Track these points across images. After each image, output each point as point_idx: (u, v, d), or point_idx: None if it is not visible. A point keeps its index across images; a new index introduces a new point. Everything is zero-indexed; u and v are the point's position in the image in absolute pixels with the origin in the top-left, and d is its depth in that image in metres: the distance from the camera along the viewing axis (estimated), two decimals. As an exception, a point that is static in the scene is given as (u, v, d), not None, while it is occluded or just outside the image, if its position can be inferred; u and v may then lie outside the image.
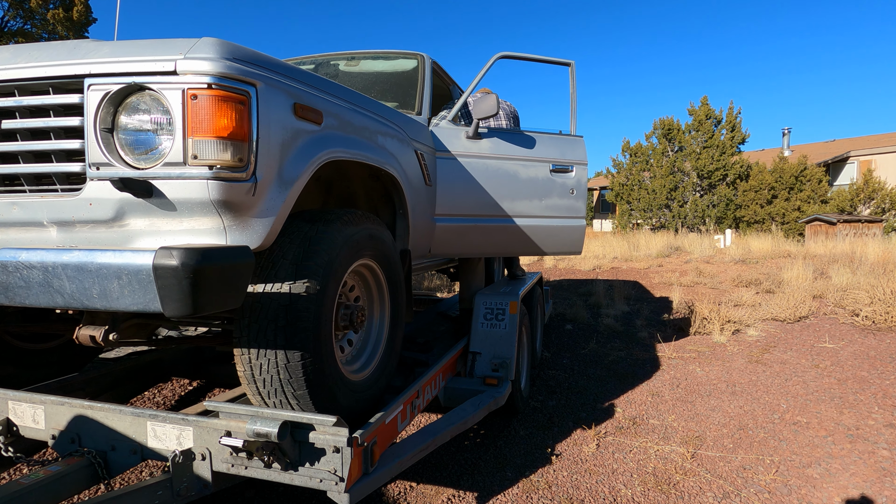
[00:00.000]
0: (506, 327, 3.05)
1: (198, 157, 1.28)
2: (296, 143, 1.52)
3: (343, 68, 3.26)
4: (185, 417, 1.61)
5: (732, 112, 20.43)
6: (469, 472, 2.71)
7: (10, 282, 1.29)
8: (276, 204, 1.46)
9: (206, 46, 1.30)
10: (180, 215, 1.34)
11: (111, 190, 1.32)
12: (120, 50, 1.34)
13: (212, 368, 3.19)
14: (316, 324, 1.55)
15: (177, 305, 1.16)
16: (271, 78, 1.44)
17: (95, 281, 1.22)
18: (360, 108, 1.96)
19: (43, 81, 1.36)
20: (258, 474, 1.55)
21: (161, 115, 1.30)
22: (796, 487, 2.56)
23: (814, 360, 4.60)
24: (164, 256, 1.15)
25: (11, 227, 1.44)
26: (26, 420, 1.84)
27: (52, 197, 1.38)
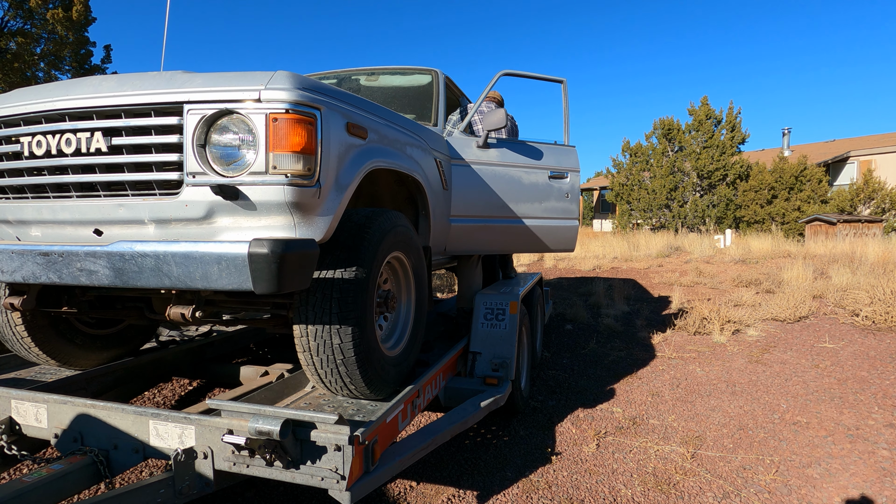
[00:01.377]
0: (506, 327, 3.05)
1: (277, 167, 1.56)
2: (348, 155, 1.83)
3: (364, 83, 3.57)
4: (187, 416, 1.62)
5: (732, 112, 20.43)
6: (469, 471, 2.72)
7: (126, 268, 1.57)
8: (334, 205, 1.74)
9: (282, 79, 1.60)
10: (259, 214, 1.62)
11: (205, 193, 1.60)
12: (212, 81, 1.63)
13: (212, 368, 3.19)
14: (363, 303, 1.83)
15: (265, 284, 1.45)
16: (331, 102, 1.74)
17: (199, 266, 1.50)
18: (392, 123, 2.28)
19: (147, 106, 1.63)
20: (260, 472, 1.56)
21: (246, 134, 1.59)
22: (796, 487, 2.57)
23: (814, 360, 4.60)
24: (258, 246, 1.44)
25: (116, 224, 1.73)
26: (29, 419, 1.85)
27: (153, 199, 1.66)
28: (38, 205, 1.79)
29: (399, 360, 2.17)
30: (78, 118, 1.69)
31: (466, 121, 3.21)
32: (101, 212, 1.72)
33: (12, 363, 2.58)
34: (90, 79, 1.80)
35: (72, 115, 1.70)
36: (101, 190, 1.72)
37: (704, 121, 20.63)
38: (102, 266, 1.59)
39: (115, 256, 1.57)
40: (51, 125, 1.72)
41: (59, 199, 1.77)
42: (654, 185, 21.24)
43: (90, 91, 1.70)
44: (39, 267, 1.66)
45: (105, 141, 1.66)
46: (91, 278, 1.62)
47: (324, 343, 1.81)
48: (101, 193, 1.72)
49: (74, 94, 1.71)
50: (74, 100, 1.69)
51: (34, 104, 1.74)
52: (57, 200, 1.77)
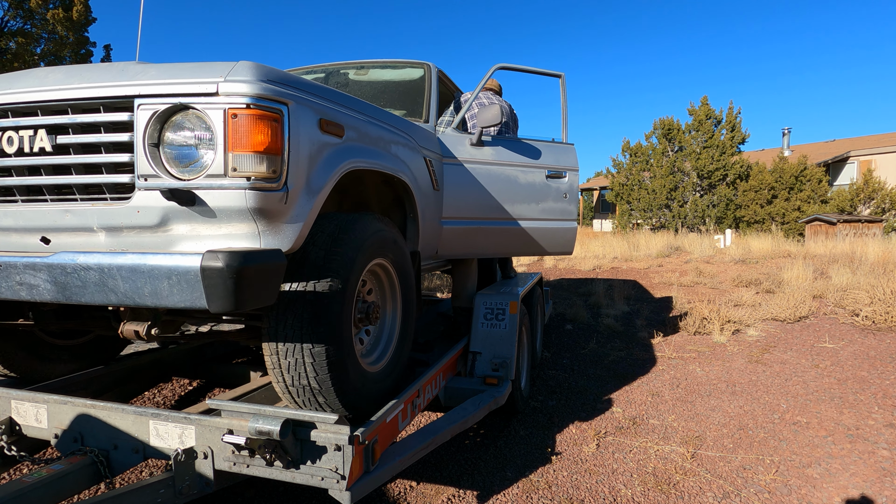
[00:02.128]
0: (506, 327, 3.05)
1: (237, 169, 1.41)
2: (321, 155, 1.67)
3: (353, 77, 3.39)
4: (187, 416, 1.62)
5: (732, 112, 20.43)
6: (469, 471, 2.72)
7: (69, 282, 1.42)
8: (305, 210, 1.59)
9: (243, 70, 1.44)
10: (219, 221, 1.46)
11: (157, 198, 1.45)
12: (166, 73, 1.47)
13: (212, 368, 3.19)
14: (338, 318, 1.67)
15: (220, 302, 1.30)
16: (300, 96, 1.57)
17: (147, 281, 1.35)
18: (375, 120, 2.10)
19: (95, 101, 1.48)
20: (260, 472, 1.56)
21: (204, 131, 1.43)
22: (796, 487, 2.57)
23: (814, 360, 4.60)
24: (211, 259, 1.29)
25: (63, 231, 1.56)
26: (29, 419, 1.85)
27: (103, 205, 1.51)
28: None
29: (382, 377, 2.01)
30: (21, 114, 1.55)
31: (459, 117, 3.05)
32: (47, 218, 1.56)
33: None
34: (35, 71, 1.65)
35: (14, 111, 1.55)
36: (47, 194, 1.56)
37: (704, 121, 20.63)
38: (43, 280, 1.45)
39: (57, 269, 1.42)
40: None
41: (2, 204, 1.61)
42: (654, 185, 21.23)
43: (34, 84, 1.54)
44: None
45: (49, 139, 1.51)
46: (32, 293, 1.47)
47: (296, 362, 1.64)
48: (48, 198, 1.56)
49: (17, 87, 1.55)
50: (17, 94, 1.54)
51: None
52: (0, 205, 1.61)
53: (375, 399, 1.93)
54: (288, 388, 1.73)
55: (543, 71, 3.32)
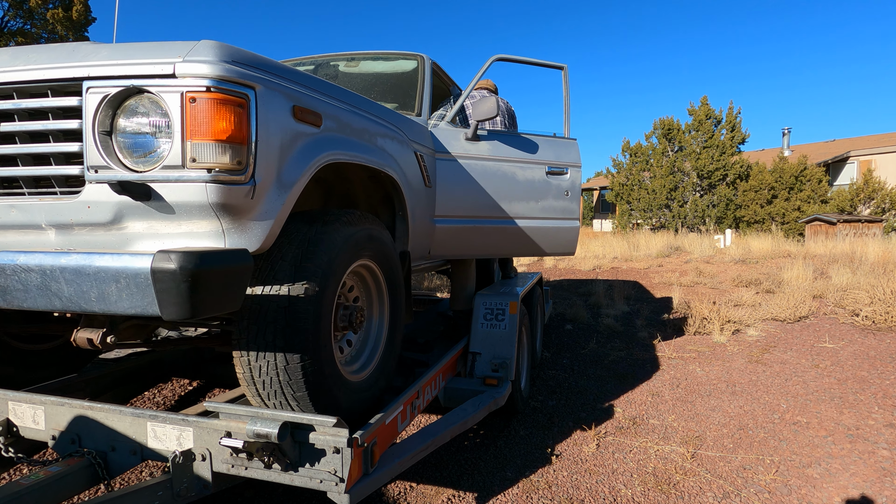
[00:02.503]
0: (506, 327, 3.04)
1: (196, 160, 1.27)
2: (295, 146, 1.52)
3: (343, 69, 3.26)
4: (185, 418, 1.61)
5: (732, 112, 20.43)
6: (469, 472, 2.71)
7: (8, 285, 1.28)
8: (276, 207, 1.45)
9: (204, 49, 1.30)
10: (179, 218, 1.33)
11: (110, 193, 1.31)
12: (118, 53, 1.33)
13: (211, 369, 3.19)
14: (315, 325, 1.55)
15: (175, 309, 1.16)
16: (270, 80, 1.44)
17: (94, 284, 1.21)
18: (358, 109, 1.96)
19: (41, 84, 1.35)
20: (258, 475, 1.55)
21: (160, 118, 1.30)
22: (796, 487, 2.56)
23: (814, 360, 4.60)
24: (162, 260, 1.15)
25: (10, 229, 1.43)
26: (26, 420, 1.84)
27: (51, 200, 1.38)
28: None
29: (366, 386, 1.89)
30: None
31: (454, 109, 2.90)
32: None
33: (11, 364, 2.58)
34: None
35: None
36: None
37: (704, 121, 20.63)
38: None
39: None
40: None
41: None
42: (654, 185, 21.23)
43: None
44: None
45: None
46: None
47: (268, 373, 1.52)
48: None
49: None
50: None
51: None
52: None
53: (358, 411, 1.81)
54: (263, 401, 1.63)
55: (544, 62, 3.17)
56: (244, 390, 1.67)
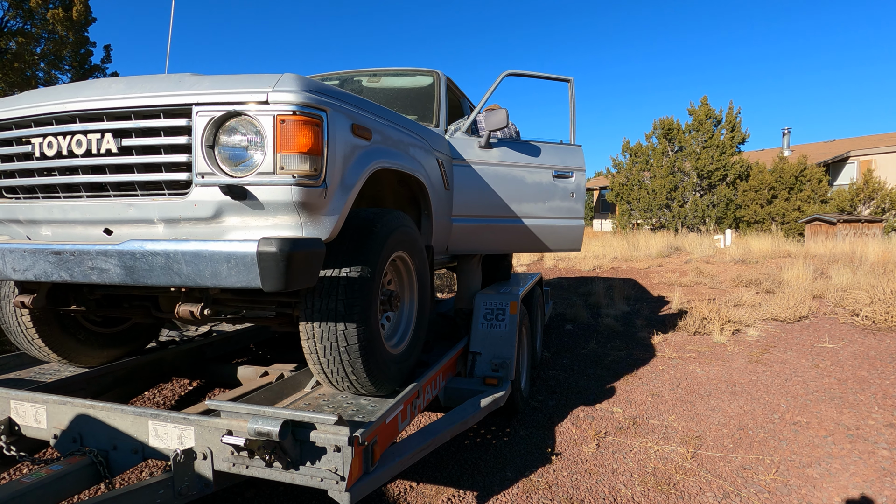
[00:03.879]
0: (506, 327, 3.05)
1: (284, 168, 1.58)
2: (353, 156, 1.85)
3: (366, 84, 3.58)
4: (186, 417, 1.61)
5: (732, 112, 20.43)
6: (469, 471, 2.71)
7: (136, 266, 1.59)
8: (340, 205, 1.76)
9: (288, 81, 1.61)
10: (267, 213, 1.64)
11: (213, 193, 1.62)
12: (219, 83, 1.64)
13: (212, 368, 3.19)
14: (367, 301, 1.85)
15: (273, 282, 1.47)
16: (336, 104, 1.75)
17: (208, 264, 1.52)
18: (395, 124, 2.29)
19: (156, 108, 1.65)
20: (259, 473, 1.55)
21: (254, 135, 1.60)
22: (796, 487, 2.57)
23: (814, 360, 4.60)
24: (266, 244, 1.46)
25: (127, 223, 1.74)
26: (28, 419, 1.85)
27: (162, 199, 1.68)
28: (48, 205, 1.81)
29: (402, 358, 2.20)
30: (88, 120, 1.71)
31: (469, 121, 3.22)
32: (111, 211, 1.74)
33: (12, 364, 2.58)
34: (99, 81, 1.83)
35: (82, 117, 1.72)
36: (111, 190, 1.74)
37: (704, 121, 20.63)
38: (114, 265, 1.62)
39: (127, 255, 1.60)
40: (62, 126, 1.73)
41: (69, 199, 1.78)
42: (654, 185, 21.24)
43: (100, 93, 1.71)
44: (51, 265, 1.69)
45: (115, 142, 1.68)
46: (102, 276, 1.65)
47: (329, 340, 1.83)
48: (112, 193, 1.74)
49: (84, 95, 1.71)
50: (85, 101, 1.70)
51: (44, 106, 1.75)
52: (67, 200, 1.78)
53: (397, 378, 2.11)
54: (323, 368, 1.90)
55: (552, 76, 3.43)
56: (305, 355, 1.92)
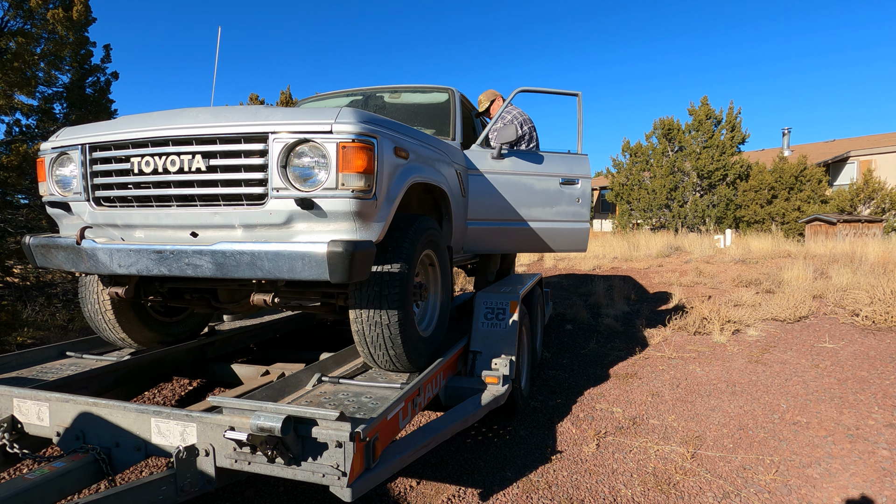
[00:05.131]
0: (506, 327, 3.06)
1: (344, 184, 1.91)
2: (396, 173, 2.18)
3: (388, 100, 3.96)
4: (188, 413, 1.62)
5: (732, 112, 20.44)
6: (469, 471, 2.72)
7: (226, 262, 1.94)
8: (386, 213, 2.10)
9: (347, 114, 1.95)
10: (329, 221, 1.96)
11: (286, 204, 1.94)
12: (291, 115, 1.97)
13: (213, 368, 3.19)
14: (405, 291, 2.21)
15: (338, 275, 1.83)
16: (383, 132, 2.08)
17: (286, 261, 1.87)
18: (425, 143, 2.64)
19: (238, 135, 1.96)
20: (261, 469, 1.56)
21: (320, 157, 1.93)
22: (796, 487, 2.57)
23: (814, 360, 4.60)
24: (334, 246, 1.82)
25: (211, 228, 2.06)
26: (31, 417, 1.86)
27: (242, 209, 2.00)
28: (143, 212, 2.11)
29: (430, 340, 2.57)
30: (181, 143, 2.01)
31: (482, 136, 3.57)
32: (197, 218, 2.05)
33: (14, 362, 2.59)
34: (189, 110, 2.12)
35: (175, 141, 2.02)
36: (197, 201, 2.04)
37: (704, 121, 20.63)
38: (206, 261, 1.96)
39: (218, 254, 1.94)
40: (157, 149, 2.03)
41: (161, 208, 2.09)
42: (654, 185, 21.24)
43: (190, 121, 2.01)
44: (152, 262, 2.03)
45: (203, 162, 1.98)
46: (196, 271, 1.97)
47: (374, 322, 2.19)
48: (198, 203, 2.04)
49: (177, 123, 2.02)
50: (177, 129, 2.00)
51: (142, 131, 2.05)
52: (160, 209, 2.09)
53: (425, 355, 2.49)
54: (368, 346, 2.27)
55: (561, 91, 3.71)
56: (353, 336, 2.27)
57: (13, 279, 6.39)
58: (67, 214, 2.30)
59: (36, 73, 6.70)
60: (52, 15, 6.48)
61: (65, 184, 2.28)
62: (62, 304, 6.42)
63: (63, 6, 6.74)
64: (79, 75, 7.18)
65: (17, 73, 5.83)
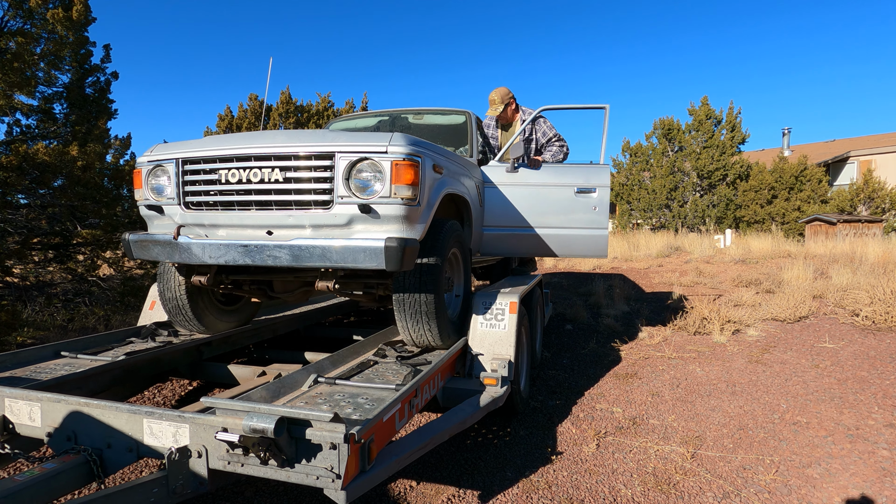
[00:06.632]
0: (505, 327, 3.04)
1: (396, 194, 2.36)
2: (434, 185, 2.65)
3: (412, 121, 4.42)
4: (181, 414, 1.60)
5: (732, 112, 20.42)
6: (469, 472, 2.70)
7: (302, 255, 2.35)
8: (427, 217, 2.57)
9: (399, 138, 2.41)
10: (381, 223, 2.40)
11: (348, 209, 2.38)
12: (353, 138, 2.42)
13: (209, 368, 3.17)
14: (439, 279, 2.69)
15: (393, 265, 2.25)
16: (425, 152, 2.54)
17: (351, 253, 2.30)
18: (453, 161, 3.10)
19: (310, 154, 2.40)
20: (254, 471, 1.54)
21: (377, 172, 2.37)
22: (796, 487, 2.55)
23: (814, 360, 4.58)
24: (390, 242, 2.25)
25: (285, 227, 2.48)
26: (22, 417, 1.84)
27: (311, 212, 2.42)
28: (228, 214, 2.52)
29: (457, 324, 3.04)
30: (261, 159, 2.43)
31: (499, 155, 3.99)
32: (273, 219, 2.47)
33: (8, 362, 2.57)
34: (268, 133, 2.58)
35: (256, 157, 2.44)
36: (273, 206, 2.46)
37: (704, 121, 20.62)
38: (284, 254, 2.36)
39: (295, 247, 2.36)
40: (241, 164, 2.46)
41: (243, 211, 2.50)
42: (654, 185, 21.22)
43: (269, 142, 2.45)
44: (239, 254, 2.42)
45: (280, 174, 2.41)
46: (275, 261, 2.38)
47: (415, 305, 2.65)
48: (274, 207, 2.46)
49: (258, 143, 2.45)
50: (259, 147, 2.43)
51: (229, 149, 2.47)
52: (241, 212, 2.50)
53: (453, 335, 2.92)
54: (408, 326, 2.75)
55: (587, 105, 3.89)
56: (396, 319, 2.76)
57: (13, 279, 6.38)
58: (159, 216, 2.70)
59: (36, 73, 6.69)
60: (51, 15, 6.47)
61: (159, 190, 2.66)
62: (62, 304, 6.41)
63: (63, 6, 6.73)
64: (79, 75, 7.16)
65: (17, 73, 5.81)
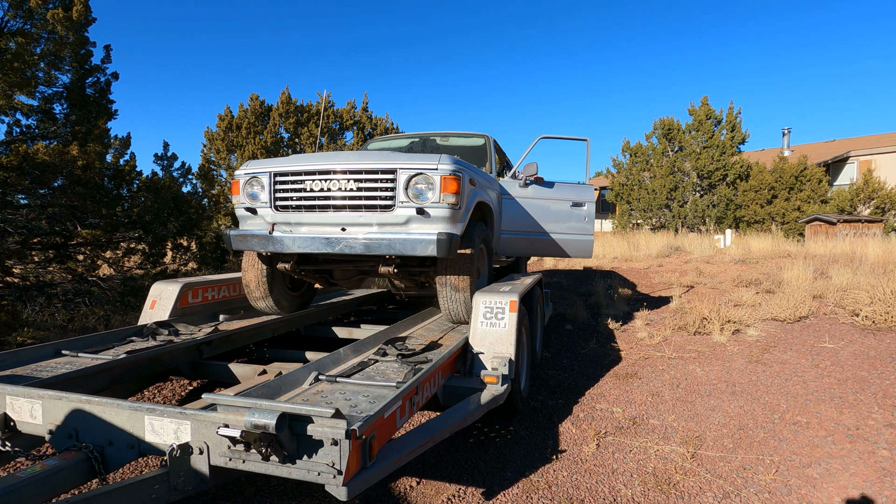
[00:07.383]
0: (505, 326, 3.04)
1: (444, 200, 3.04)
2: (470, 194, 3.35)
3: (439, 142, 5.30)
4: (182, 411, 1.60)
5: (732, 112, 20.41)
6: (469, 471, 2.70)
7: (371, 245, 3.01)
8: (465, 218, 3.27)
9: (446, 159, 3.10)
10: (431, 222, 3.07)
11: (407, 211, 3.05)
12: (411, 159, 3.11)
13: (210, 367, 3.18)
14: (472, 267, 3.37)
15: (443, 252, 2.91)
16: (466, 170, 3.27)
17: (411, 244, 2.97)
18: (482, 176, 3.82)
19: (377, 170, 3.08)
20: (256, 468, 1.54)
21: (429, 184, 3.06)
22: (796, 487, 2.55)
23: (814, 360, 4.58)
24: (440, 235, 2.94)
25: (356, 225, 3.13)
26: (24, 415, 1.84)
27: (377, 214, 3.09)
28: (310, 215, 3.19)
29: None
30: (339, 173, 3.12)
31: (513, 171, 4.92)
32: (347, 219, 3.13)
33: (9, 360, 2.57)
34: (343, 153, 3.30)
35: (335, 171, 3.13)
36: (347, 209, 3.13)
37: (704, 121, 20.61)
38: (359, 244, 3.02)
39: (367, 240, 3.02)
40: (323, 176, 3.14)
41: (322, 213, 3.16)
42: (654, 185, 21.22)
43: (344, 160, 3.15)
44: (322, 244, 3.08)
45: (354, 185, 3.10)
46: (352, 250, 3.03)
47: (454, 287, 3.35)
48: (348, 209, 3.13)
49: (336, 161, 3.15)
50: (338, 164, 3.12)
51: (313, 165, 3.16)
52: (321, 214, 3.16)
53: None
54: (448, 305, 3.42)
55: (574, 137, 5.12)
56: (438, 298, 3.46)
57: (13, 279, 6.38)
58: (252, 216, 3.34)
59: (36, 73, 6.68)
60: (51, 15, 6.47)
61: (254, 196, 3.31)
62: (62, 304, 6.41)
63: (63, 6, 6.73)
64: (79, 75, 7.16)
65: (17, 73, 5.81)
